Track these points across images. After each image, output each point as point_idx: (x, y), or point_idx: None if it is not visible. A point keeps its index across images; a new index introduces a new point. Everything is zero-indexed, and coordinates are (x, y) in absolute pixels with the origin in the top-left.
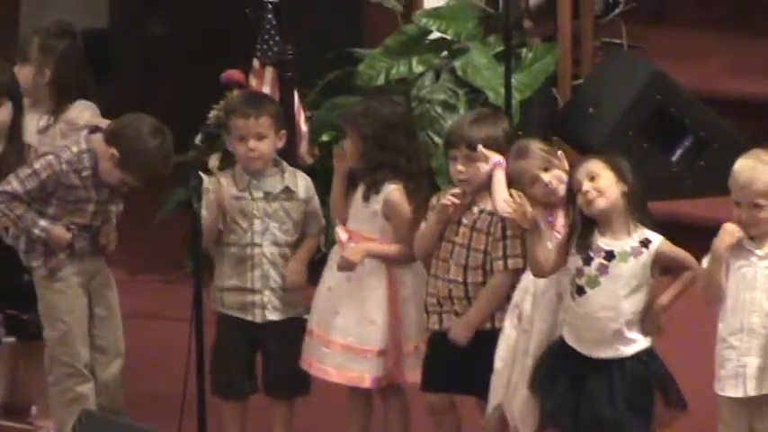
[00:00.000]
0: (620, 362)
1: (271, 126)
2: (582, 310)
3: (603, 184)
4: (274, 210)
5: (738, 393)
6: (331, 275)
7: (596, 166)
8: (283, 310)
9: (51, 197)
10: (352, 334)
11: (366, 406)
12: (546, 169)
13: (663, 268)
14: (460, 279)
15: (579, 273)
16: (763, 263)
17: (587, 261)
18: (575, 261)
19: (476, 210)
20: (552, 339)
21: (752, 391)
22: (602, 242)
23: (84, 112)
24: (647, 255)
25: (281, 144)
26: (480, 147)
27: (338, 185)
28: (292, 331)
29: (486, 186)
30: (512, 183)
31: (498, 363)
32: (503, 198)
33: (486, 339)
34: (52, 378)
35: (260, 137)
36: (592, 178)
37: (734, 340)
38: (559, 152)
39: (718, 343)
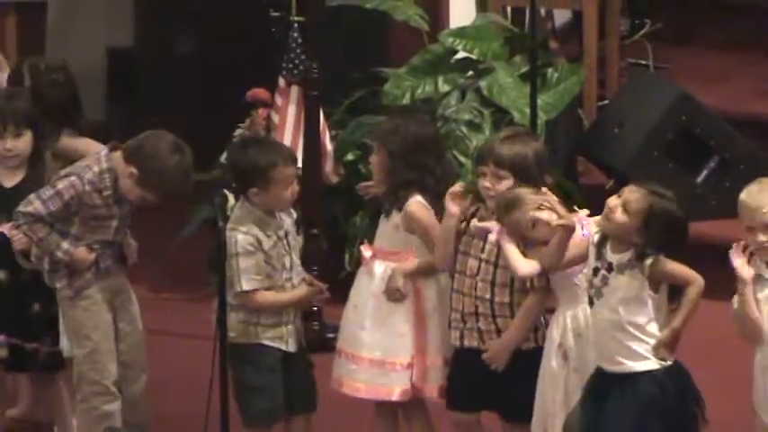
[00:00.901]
0: (634, 378)
1: None
2: (594, 322)
3: (622, 220)
4: (295, 243)
5: None
6: (357, 294)
7: (638, 204)
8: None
9: (74, 217)
10: (379, 348)
11: (393, 424)
12: (540, 208)
13: (670, 286)
14: (487, 296)
15: (590, 284)
16: None
17: (595, 272)
18: (588, 272)
19: None
20: None
21: None
22: (608, 254)
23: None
24: (642, 269)
25: None
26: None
27: None
28: (305, 349)
29: None
30: (513, 234)
31: (551, 405)
32: (520, 260)
33: (513, 359)
34: (80, 396)
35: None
36: (624, 207)
37: None
38: (543, 188)
39: (756, 371)
